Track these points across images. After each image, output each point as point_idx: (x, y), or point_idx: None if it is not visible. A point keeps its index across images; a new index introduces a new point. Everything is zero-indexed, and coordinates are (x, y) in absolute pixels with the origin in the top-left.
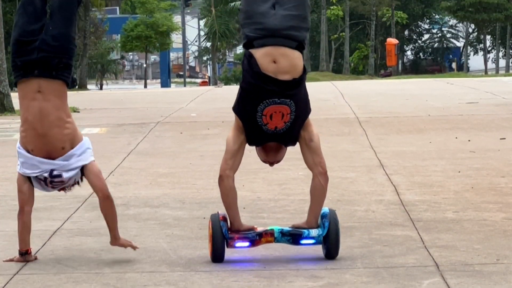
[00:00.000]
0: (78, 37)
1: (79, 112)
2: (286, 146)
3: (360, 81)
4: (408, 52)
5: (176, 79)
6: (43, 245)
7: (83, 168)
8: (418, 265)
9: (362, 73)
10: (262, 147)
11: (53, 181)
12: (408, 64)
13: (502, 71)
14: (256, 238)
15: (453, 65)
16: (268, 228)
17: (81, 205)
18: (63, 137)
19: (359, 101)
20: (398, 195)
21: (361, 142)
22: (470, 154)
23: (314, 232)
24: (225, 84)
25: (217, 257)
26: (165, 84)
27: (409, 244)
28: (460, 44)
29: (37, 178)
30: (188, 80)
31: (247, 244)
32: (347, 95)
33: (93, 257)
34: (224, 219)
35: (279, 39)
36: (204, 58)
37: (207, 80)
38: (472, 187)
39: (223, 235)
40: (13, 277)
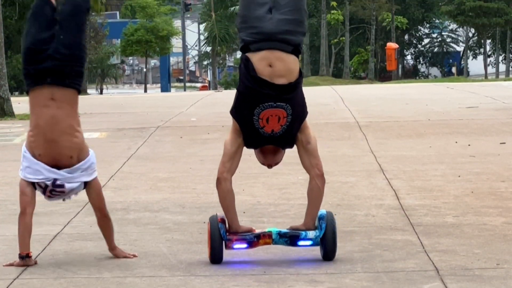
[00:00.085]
0: None
1: (79, 117)
2: (284, 149)
3: (360, 86)
4: (408, 57)
5: (176, 84)
6: (43, 250)
7: (86, 183)
8: (418, 270)
9: (362, 78)
10: (260, 150)
11: (54, 190)
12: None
13: (502, 76)
14: (254, 240)
15: (453, 70)
16: (266, 230)
17: (81, 210)
18: (72, 145)
19: (359, 106)
20: (398, 200)
21: (361, 147)
22: (470, 159)
23: (312, 234)
24: (225, 89)
25: (215, 259)
26: (165, 89)
27: (409, 249)
28: (460, 49)
29: (37, 184)
30: (188, 85)
31: (245, 246)
32: (347, 100)
33: (93, 262)
34: (223, 221)
35: (275, 43)
36: (204, 63)
37: (207, 85)
38: (472, 192)
39: (221, 237)
40: (13, 282)
